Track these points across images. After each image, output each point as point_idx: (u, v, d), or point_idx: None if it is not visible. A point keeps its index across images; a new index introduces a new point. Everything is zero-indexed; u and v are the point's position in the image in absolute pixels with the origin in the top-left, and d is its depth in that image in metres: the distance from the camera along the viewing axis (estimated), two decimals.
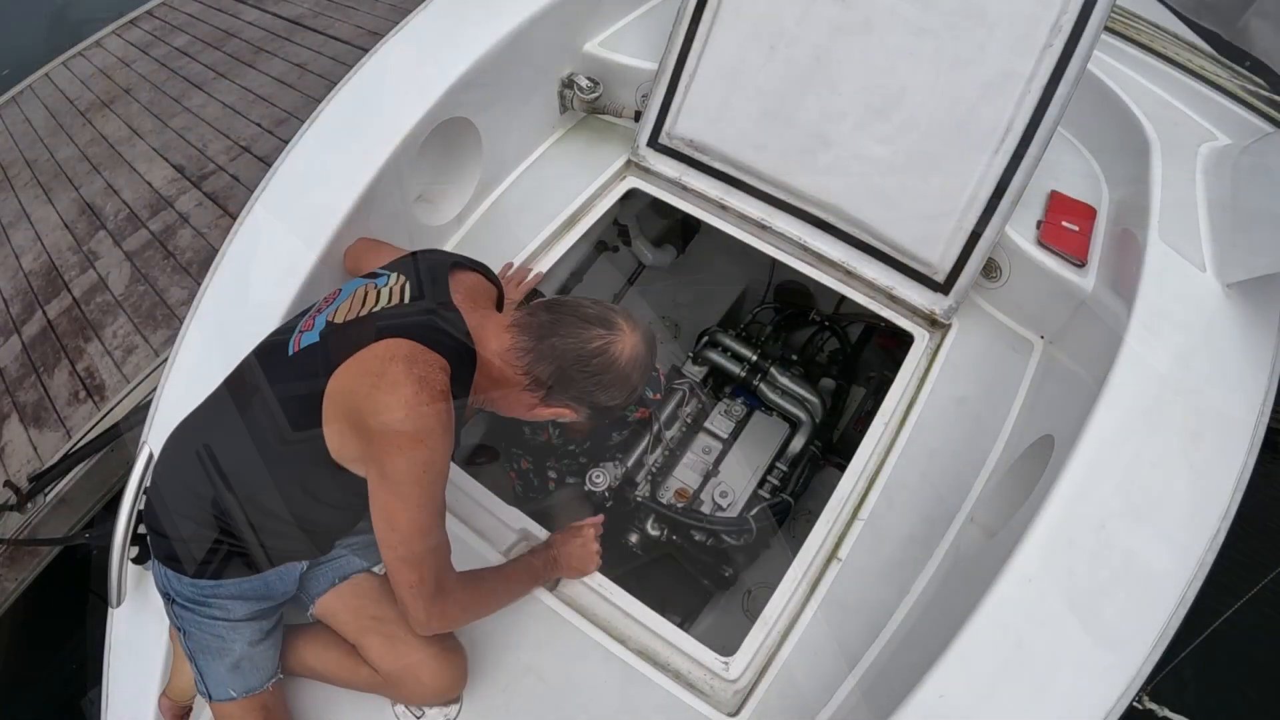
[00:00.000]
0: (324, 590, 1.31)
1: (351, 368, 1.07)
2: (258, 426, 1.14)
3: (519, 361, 1.15)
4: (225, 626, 1.21)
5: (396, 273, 1.20)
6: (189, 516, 1.18)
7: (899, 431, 1.59)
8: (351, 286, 1.21)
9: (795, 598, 1.42)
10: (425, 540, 1.09)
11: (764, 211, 1.85)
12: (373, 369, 1.05)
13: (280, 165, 1.64)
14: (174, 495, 1.20)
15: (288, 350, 1.15)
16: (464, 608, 1.21)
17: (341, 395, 1.07)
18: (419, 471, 1.04)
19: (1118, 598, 1.15)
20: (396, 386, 1.03)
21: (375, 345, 1.07)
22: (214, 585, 1.20)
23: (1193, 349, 1.37)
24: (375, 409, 1.03)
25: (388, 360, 1.05)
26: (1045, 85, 1.53)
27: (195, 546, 1.18)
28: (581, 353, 1.14)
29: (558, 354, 1.14)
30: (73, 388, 3.06)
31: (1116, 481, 1.21)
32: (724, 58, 1.79)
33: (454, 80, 1.68)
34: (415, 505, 1.06)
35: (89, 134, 4.26)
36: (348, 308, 1.15)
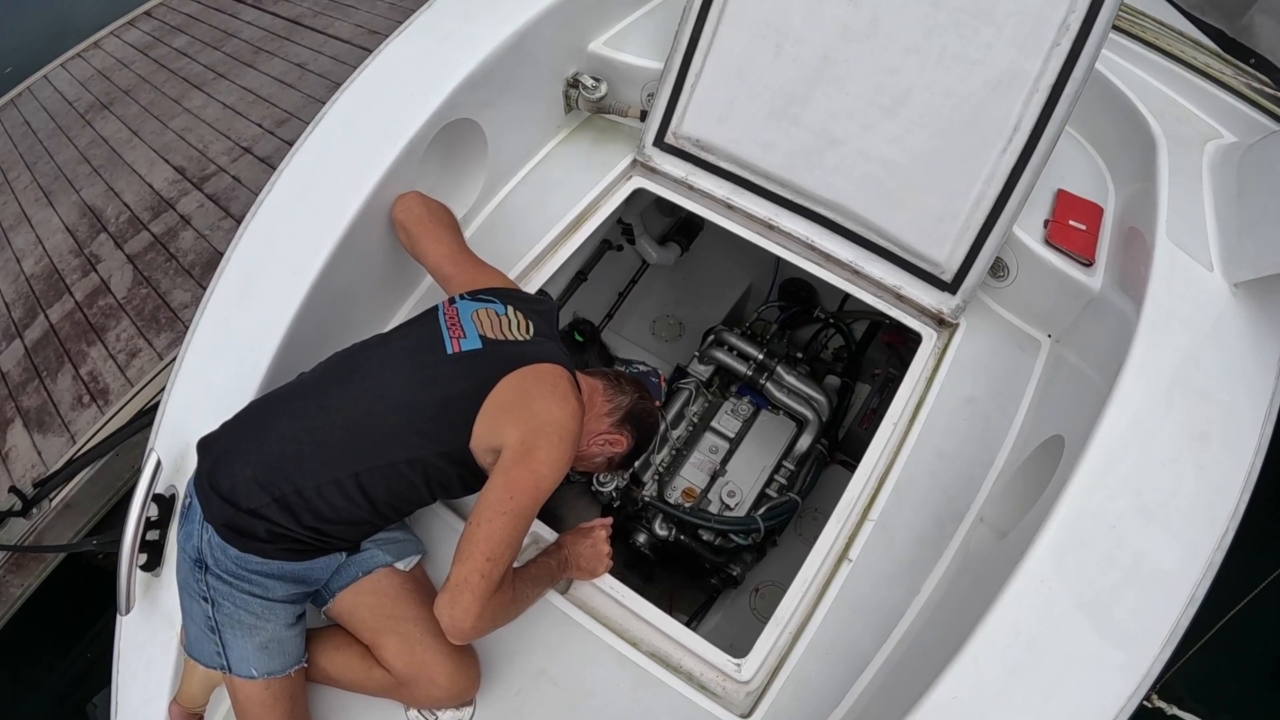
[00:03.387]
0: (345, 584, 1.31)
1: (527, 374, 1.29)
2: (400, 409, 1.27)
3: (608, 391, 1.46)
4: (261, 604, 1.22)
5: (510, 305, 1.42)
6: (265, 487, 1.19)
7: (908, 432, 1.59)
8: (469, 307, 1.40)
9: (806, 599, 1.43)
10: (521, 525, 1.20)
11: (771, 211, 1.85)
12: (548, 380, 1.30)
13: (285, 168, 1.64)
14: (255, 464, 1.21)
15: (445, 349, 1.33)
16: (505, 612, 1.25)
17: (513, 391, 1.27)
18: (557, 463, 1.24)
19: (1128, 598, 1.15)
20: (567, 399, 1.28)
21: (547, 365, 1.32)
22: (262, 562, 1.21)
23: (1201, 349, 1.37)
24: (550, 406, 1.26)
25: (559, 378, 1.31)
26: (1053, 84, 1.53)
27: (257, 521, 1.19)
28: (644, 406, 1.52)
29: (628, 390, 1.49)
30: (76, 392, 3.06)
31: (1126, 482, 1.22)
32: (730, 56, 1.78)
33: (459, 82, 1.67)
34: (538, 488, 1.22)
35: (89, 136, 4.24)
36: (491, 327, 1.37)
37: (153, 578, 1.36)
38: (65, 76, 4.85)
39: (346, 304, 1.62)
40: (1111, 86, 1.87)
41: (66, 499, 2.74)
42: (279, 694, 1.22)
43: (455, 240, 1.62)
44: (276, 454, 1.23)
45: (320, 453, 1.24)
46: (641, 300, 2.76)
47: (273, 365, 1.45)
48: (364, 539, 1.33)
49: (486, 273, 1.55)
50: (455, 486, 1.32)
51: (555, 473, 1.24)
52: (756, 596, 2.21)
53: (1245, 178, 1.62)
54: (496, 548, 1.18)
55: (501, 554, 1.19)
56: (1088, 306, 1.66)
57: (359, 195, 1.55)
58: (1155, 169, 1.65)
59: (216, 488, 1.22)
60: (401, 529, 1.42)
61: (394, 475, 1.25)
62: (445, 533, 1.49)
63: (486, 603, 1.17)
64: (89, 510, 2.82)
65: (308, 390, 1.33)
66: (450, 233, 1.63)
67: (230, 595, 1.21)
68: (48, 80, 4.87)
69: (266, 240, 1.58)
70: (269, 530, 1.20)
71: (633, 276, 2.68)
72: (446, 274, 1.55)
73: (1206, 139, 1.83)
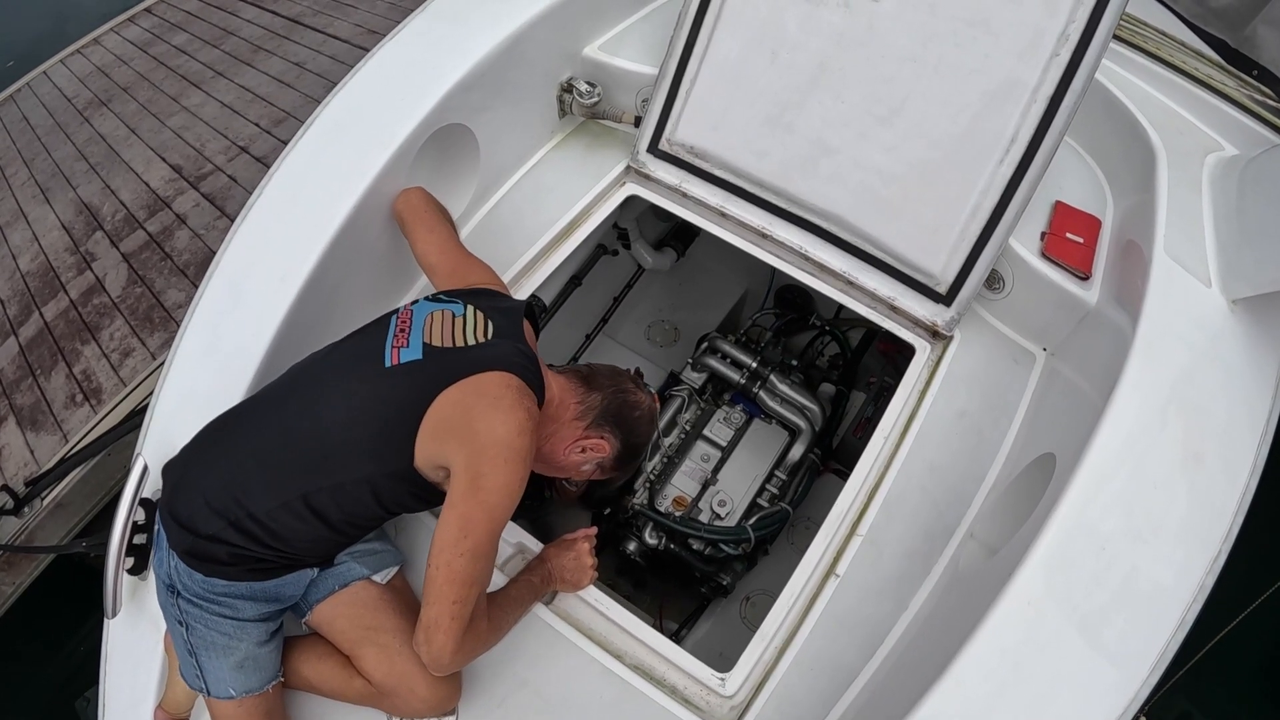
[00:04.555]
0: (323, 597, 1.30)
1: (465, 388, 1.19)
2: (339, 428, 1.21)
3: (575, 390, 1.35)
4: (233, 625, 1.21)
5: (471, 305, 1.32)
6: (220, 513, 1.17)
7: (899, 445, 1.58)
8: (425, 308, 1.31)
9: (793, 613, 1.41)
10: (484, 560, 1.14)
11: (765, 220, 1.83)
12: (491, 391, 1.18)
13: (275, 171, 1.63)
14: (207, 489, 1.19)
15: (384, 361, 1.24)
16: (484, 641, 1.23)
17: (453, 408, 1.18)
18: (509, 487, 1.15)
19: (1117, 621, 1.13)
20: (513, 411, 1.17)
21: (491, 373, 1.20)
22: (228, 585, 1.20)
23: (1197, 367, 1.36)
24: (492, 425, 1.15)
25: (504, 388, 1.19)
26: (1051, 95, 1.51)
27: (217, 545, 1.18)
28: (620, 387, 1.39)
29: (603, 386, 1.37)
30: (70, 391, 3.05)
31: (1118, 502, 1.20)
32: (726, 63, 1.77)
33: (450, 86, 1.65)
34: (492, 519, 1.14)
35: (86, 133, 4.23)
36: (440, 332, 1.26)
37: (139, 581, 1.35)
38: (64, 72, 4.84)
39: (336, 310, 1.60)
40: (1111, 97, 1.85)
41: (58, 498, 2.73)
42: (255, 711, 1.22)
43: (447, 232, 1.60)
44: (227, 478, 1.20)
45: (266, 475, 1.20)
46: (637, 305, 2.75)
47: (260, 371, 1.43)
48: (333, 553, 1.30)
49: (473, 266, 1.51)
50: (411, 502, 1.27)
51: (508, 498, 1.16)
52: (747, 605, 2.20)
53: (1245, 192, 1.60)
54: (461, 588, 1.13)
55: (468, 592, 1.14)
56: (1084, 320, 1.64)
57: (348, 200, 1.54)
58: (1155, 181, 1.63)
59: (176, 515, 1.21)
60: (380, 539, 1.40)
61: (342, 496, 1.21)
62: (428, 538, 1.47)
63: (461, 639, 1.15)
64: (80, 510, 2.82)
65: (257, 407, 1.29)
66: (444, 225, 1.61)
67: (201, 618, 1.20)
68: (47, 76, 4.86)
69: (256, 244, 1.56)
70: (230, 553, 1.18)
71: (628, 281, 2.67)
72: (432, 263, 1.54)
73: (1207, 151, 1.81)
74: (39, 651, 3.07)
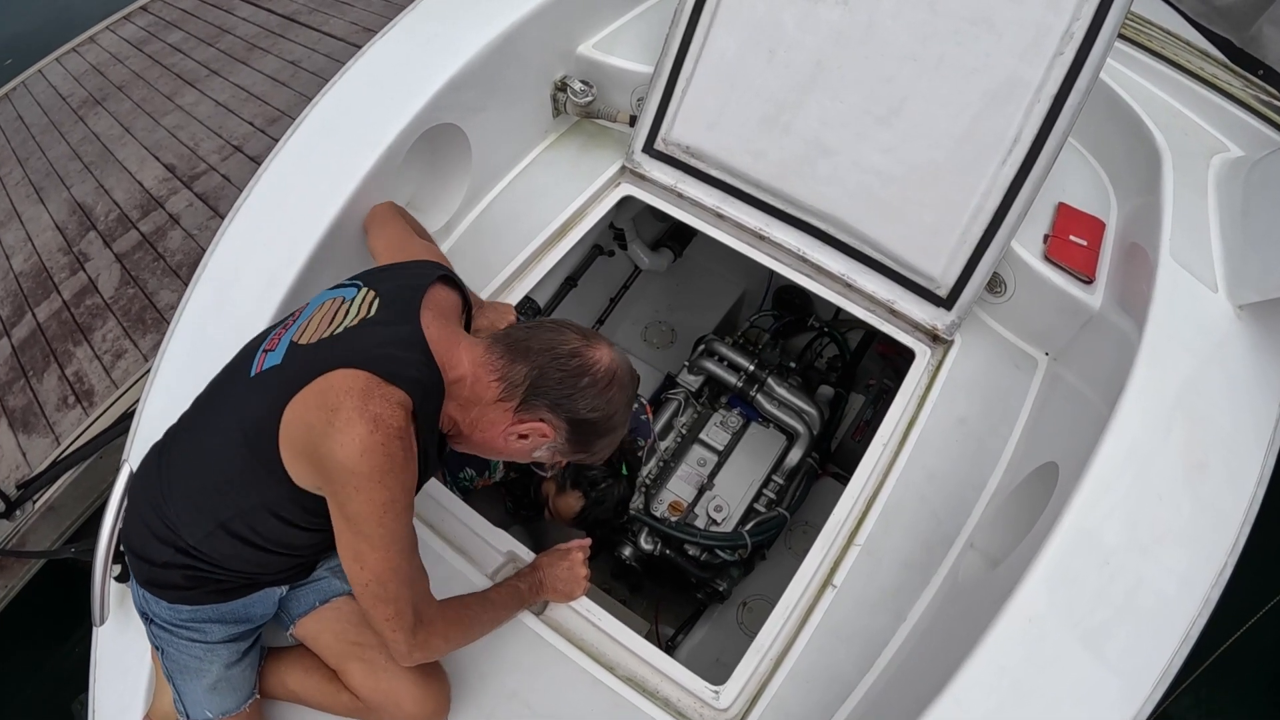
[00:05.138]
0: (305, 612, 1.28)
1: (307, 399, 1.01)
2: (221, 451, 1.09)
3: (493, 365, 1.09)
4: (202, 648, 1.20)
5: (368, 287, 1.13)
6: (165, 541, 1.14)
7: (898, 452, 1.55)
8: (320, 299, 1.15)
9: (789, 625, 1.38)
10: (396, 576, 1.06)
11: (762, 221, 1.80)
12: (327, 402, 0.99)
13: (263, 173, 1.60)
14: (149, 519, 1.16)
15: (250, 371, 1.10)
16: (445, 637, 1.17)
17: (297, 428, 1.02)
18: (380, 511, 1.01)
19: (1120, 637, 1.11)
20: (350, 424, 0.97)
21: (331, 376, 1.01)
22: (193, 609, 1.18)
23: (1202, 375, 1.33)
24: (330, 449, 0.98)
25: (343, 394, 0.99)
26: (1055, 95, 1.47)
27: (172, 571, 1.15)
28: (558, 351, 1.09)
29: (533, 352, 1.09)
30: (62, 392, 3.02)
31: (1122, 515, 1.17)
32: (722, 62, 1.74)
33: (440, 86, 1.62)
34: (381, 544, 1.03)
35: (81, 132, 4.19)
36: (315, 325, 1.08)
37: (127, 588, 1.33)
38: (60, 71, 4.81)
39: None
40: (1115, 96, 1.82)
41: (50, 501, 2.70)
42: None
43: (400, 225, 1.51)
44: (161, 507, 1.14)
45: (189, 503, 1.12)
46: (633, 306, 2.72)
47: None
48: (294, 571, 1.24)
49: (413, 247, 1.40)
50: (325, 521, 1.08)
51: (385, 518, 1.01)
52: (744, 610, 2.17)
53: (1251, 195, 1.57)
54: (389, 605, 1.07)
55: (400, 608, 1.07)
56: (1087, 325, 1.61)
57: (335, 202, 1.51)
58: (1160, 183, 1.60)
59: (130, 546, 1.18)
60: None
61: (254, 521, 1.10)
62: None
63: (419, 637, 1.11)
64: (73, 513, 2.79)
65: (181, 427, 1.20)
66: (398, 221, 1.52)
67: (172, 642, 1.19)
68: (43, 75, 4.83)
69: (243, 247, 1.54)
70: (185, 577, 1.14)
71: (624, 282, 2.64)
72: (378, 254, 1.46)
73: (1213, 152, 1.78)
74: (33, 653, 3.04)
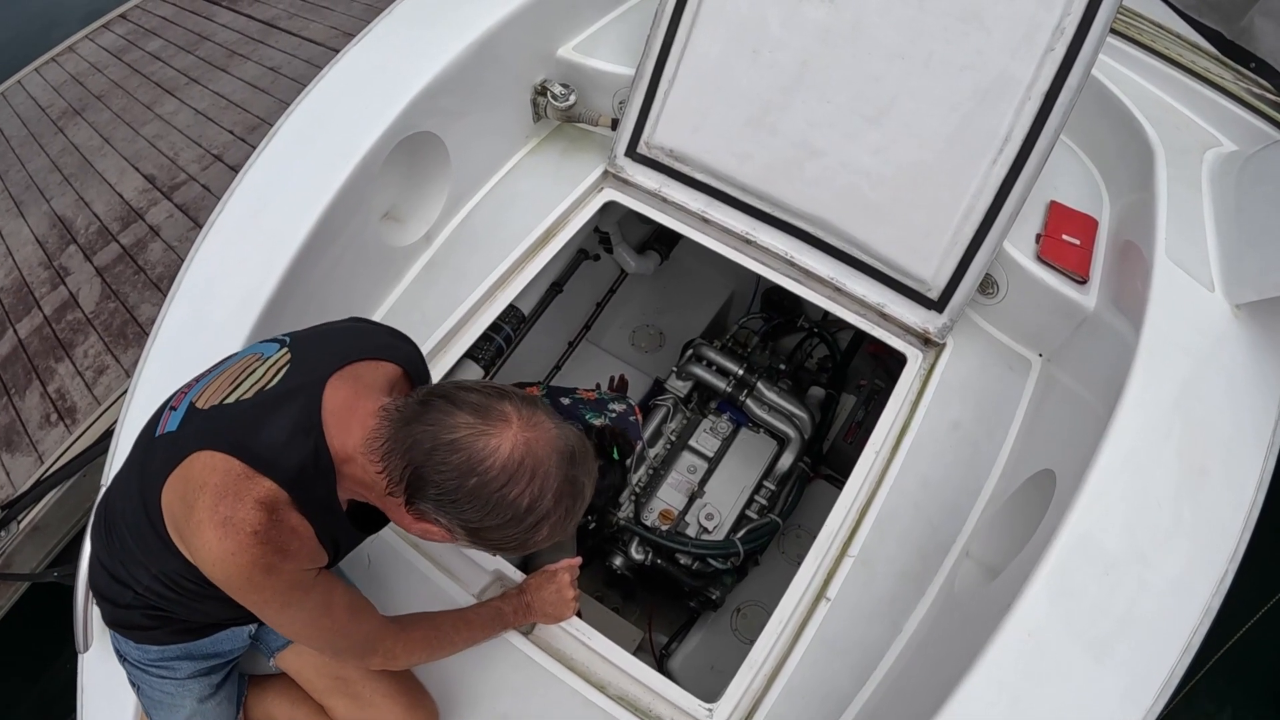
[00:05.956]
0: (283, 645, 1.25)
1: (174, 485, 0.92)
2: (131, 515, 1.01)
3: (374, 454, 0.91)
4: (174, 685, 1.18)
5: (288, 348, 1.02)
6: (123, 584, 1.09)
7: (891, 459, 1.51)
8: (242, 353, 1.06)
9: (782, 640, 1.35)
10: (324, 635, 1.03)
11: (748, 225, 1.77)
12: (187, 495, 0.89)
13: (237, 187, 1.56)
14: (106, 560, 1.12)
15: (155, 431, 1.00)
16: (408, 659, 1.14)
17: (168, 514, 0.93)
18: (275, 606, 0.94)
19: (1121, 649, 1.07)
20: (200, 530, 0.87)
21: (194, 460, 0.90)
22: (160, 649, 1.16)
23: (1200, 376, 1.30)
24: (198, 555, 0.89)
25: (198, 489, 0.88)
26: (1047, 92, 1.44)
27: (134, 613, 1.11)
28: (439, 443, 0.87)
29: (413, 442, 0.88)
30: (44, 410, 2.98)
31: (1122, 523, 1.14)
32: (705, 63, 1.70)
33: (416, 93, 1.58)
34: (291, 622, 0.99)
35: (60, 143, 4.14)
36: (216, 387, 0.98)
37: None
38: (39, 81, 4.74)
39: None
40: (1105, 91, 1.79)
41: (35, 521, 2.66)
42: None
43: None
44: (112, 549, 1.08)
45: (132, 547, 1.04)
46: (620, 310, 2.68)
47: None
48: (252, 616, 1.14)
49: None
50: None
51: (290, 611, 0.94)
52: (738, 617, 2.15)
53: (1244, 191, 1.54)
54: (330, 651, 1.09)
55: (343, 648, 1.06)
56: (1081, 325, 1.58)
57: (311, 216, 1.47)
58: (1153, 180, 1.57)
59: (95, 587, 1.15)
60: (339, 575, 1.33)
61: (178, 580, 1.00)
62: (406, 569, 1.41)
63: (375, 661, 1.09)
64: (58, 532, 2.75)
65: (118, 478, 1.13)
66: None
67: (146, 680, 1.17)
68: (21, 86, 4.76)
69: (217, 264, 1.50)
70: (148, 617, 1.10)
71: (611, 286, 2.60)
72: None
73: (1205, 147, 1.75)
74: (24, 674, 3.00)
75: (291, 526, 0.91)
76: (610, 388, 2.33)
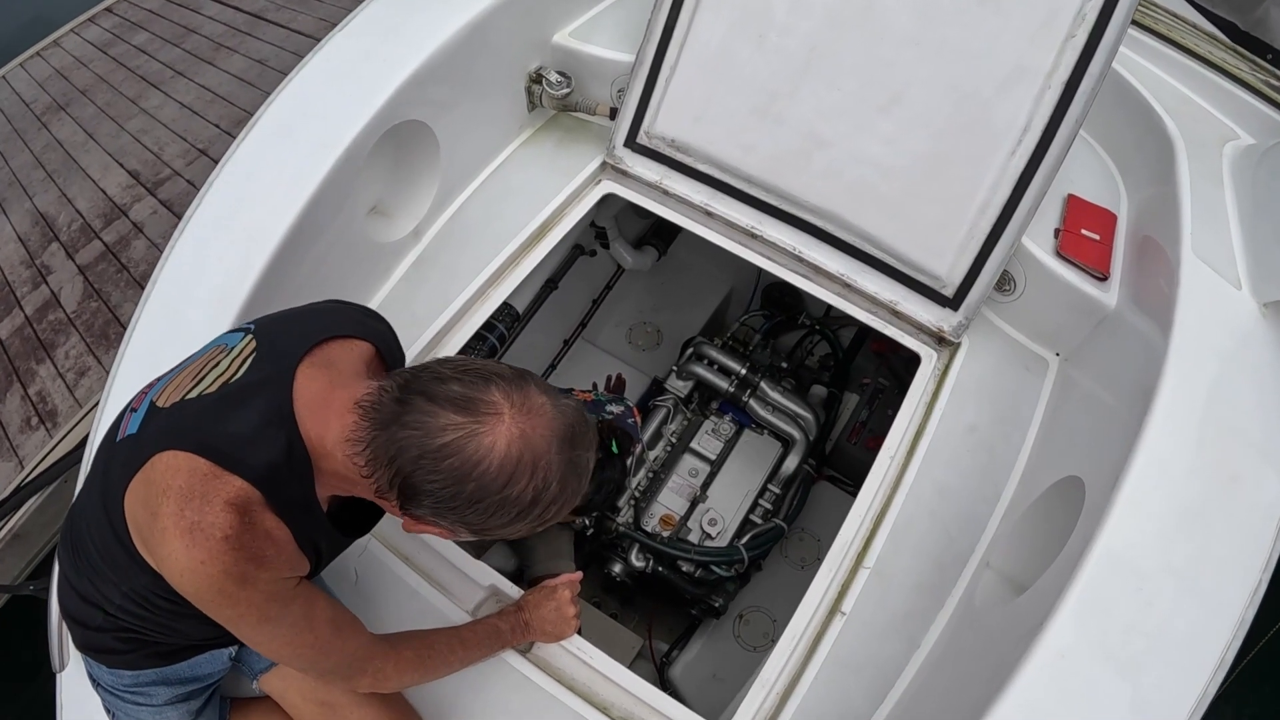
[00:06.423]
0: (267, 667, 1.18)
1: (136, 490, 0.85)
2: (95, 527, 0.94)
3: (358, 457, 0.83)
4: (149, 712, 1.10)
5: (253, 335, 0.94)
6: (93, 604, 1.02)
7: (905, 465, 1.45)
8: (206, 348, 0.97)
9: (795, 657, 1.28)
10: (305, 654, 0.95)
11: (753, 218, 1.70)
12: (150, 500, 0.82)
13: (214, 180, 1.49)
14: (74, 579, 1.04)
15: (115, 436, 0.93)
16: (398, 680, 1.06)
17: (132, 523, 0.86)
18: (251, 621, 0.86)
19: (1154, 667, 1.02)
20: (166, 538, 0.80)
21: (157, 461, 0.83)
22: (134, 674, 1.08)
23: (1230, 379, 1.25)
24: (164, 566, 0.82)
25: (161, 493, 0.81)
26: (1067, 80, 1.38)
27: (105, 635, 1.04)
28: (427, 447, 0.79)
29: (396, 451, 0.80)
30: (25, 413, 2.90)
31: (1155, 536, 1.08)
32: (708, 49, 1.63)
33: (403, 80, 1.50)
34: (268, 638, 0.91)
35: (44, 139, 4.05)
36: (179, 383, 0.90)
37: None
38: (24, 77, 4.65)
39: None
40: (1122, 81, 1.74)
41: (15, 529, 2.58)
42: None
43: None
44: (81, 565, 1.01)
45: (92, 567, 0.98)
46: (617, 307, 2.61)
47: None
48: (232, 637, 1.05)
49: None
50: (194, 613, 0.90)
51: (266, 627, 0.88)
52: (741, 623, 2.09)
53: (1263, 185, 1.49)
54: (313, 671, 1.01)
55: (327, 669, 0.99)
56: (1101, 324, 1.52)
57: (291, 210, 1.39)
58: (1175, 174, 1.52)
59: (64, 609, 1.07)
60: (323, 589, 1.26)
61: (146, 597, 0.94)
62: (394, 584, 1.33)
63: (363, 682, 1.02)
64: (39, 540, 2.67)
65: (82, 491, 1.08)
66: None
67: (121, 707, 1.10)
68: (5, 81, 4.66)
69: (193, 263, 1.42)
70: (120, 640, 1.03)
71: (607, 282, 2.53)
72: None
73: (1224, 140, 1.71)
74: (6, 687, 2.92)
75: (266, 530, 0.84)
76: (607, 388, 2.26)
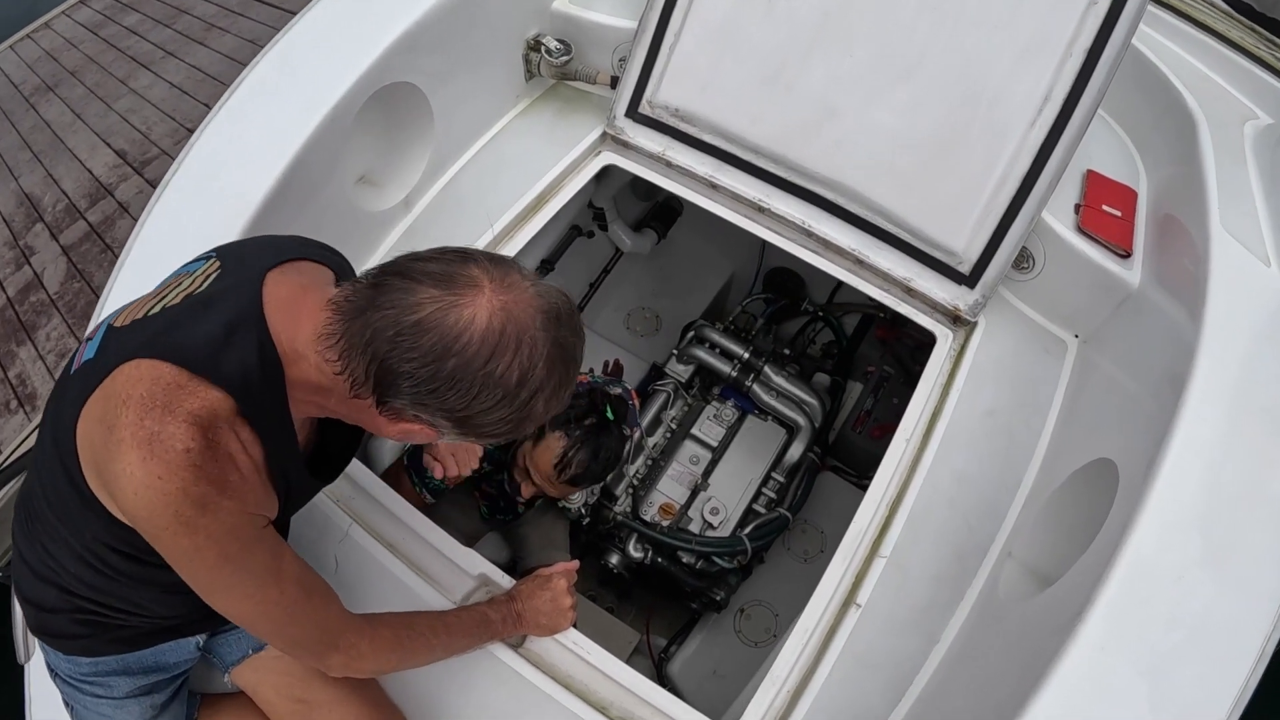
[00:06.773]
0: (239, 659, 1.11)
1: (92, 408, 0.77)
2: (47, 472, 0.86)
3: (330, 352, 0.77)
4: (110, 705, 1.03)
5: (217, 257, 0.88)
6: (47, 580, 0.95)
7: (922, 450, 1.38)
8: (175, 273, 0.90)
9: (808, 651, 1.20)
10: (275, 611, 0.86)
11: (761, 191, 1.63)
12: (107, 415, 0.75)
13: (192, 146, 1.42)
14: (28, 553, 0.97)
15: (70, 367, 0.85)
16: (375, 662, 0.98)
17: (84, 448, 0.78)
18: (208, 559, 0.78)
19: (1193, 661, 0.96)
20: (120, 452, 0.72)
21: (119, 372, 0.76)
22: (93, 662, 1.00)
23: (1263, 358, 1.20)
24: (117, 485, 0.74)
25: (121, 404, 0.74)
26: (1089, 49, 1.32)
27: (60, 617, 0.96)
28: (401, 327, 0.73)
29: (371, 334, 0.74)
30: (4, 397, 2.83)
31: (1194, 523, 1.02)
32: (714, 14, 1.56)
33: (395, 37, 1.44)
34: (235, 589, 0.83)
35: (32, 120, 4.00)
36: (139, 304, 0.84)
37: None
38: (13, 58, 4.60)
39: None
40: (1141, 57, 1.69)
41: None
42: None
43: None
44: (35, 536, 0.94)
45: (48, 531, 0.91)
46: (615, 291, 2.54)
47: None
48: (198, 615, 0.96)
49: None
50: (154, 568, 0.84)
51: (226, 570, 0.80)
52: (742, 618, 2.02)
53: None
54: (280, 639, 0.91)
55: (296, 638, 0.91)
56: (1123, 304, 1.46)
57: (270, 176, 1.32)
58: (1198, 151, 1.47)
59: (20, 590, 0.99)
60: None
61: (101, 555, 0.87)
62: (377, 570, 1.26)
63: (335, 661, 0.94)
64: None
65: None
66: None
67: (79, 699, 1.03)
68: None
69: (168, 232, 1.35)
70: (78, 622, 0.95)
71: (605, 266, 2.46)
72: None
73: (1244, 119, 1.66)
74: None
75: (230, 453, 0.77)
76: (604, 373, 2.19)
